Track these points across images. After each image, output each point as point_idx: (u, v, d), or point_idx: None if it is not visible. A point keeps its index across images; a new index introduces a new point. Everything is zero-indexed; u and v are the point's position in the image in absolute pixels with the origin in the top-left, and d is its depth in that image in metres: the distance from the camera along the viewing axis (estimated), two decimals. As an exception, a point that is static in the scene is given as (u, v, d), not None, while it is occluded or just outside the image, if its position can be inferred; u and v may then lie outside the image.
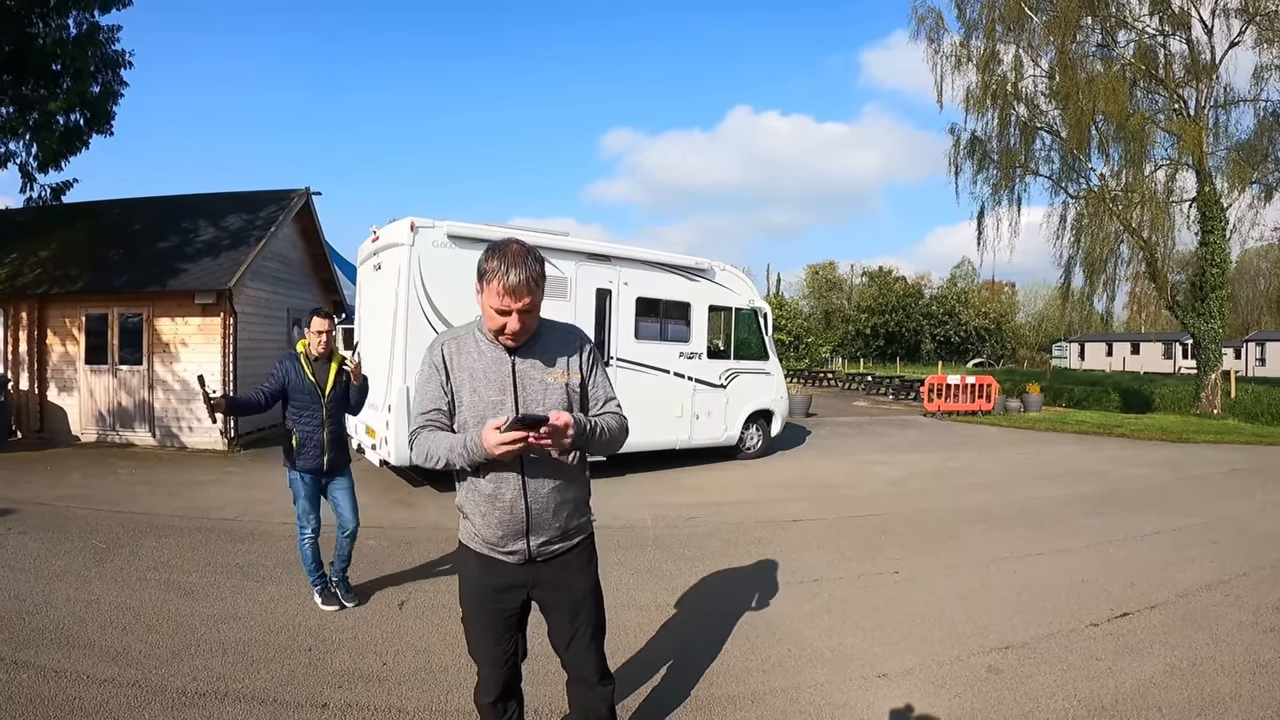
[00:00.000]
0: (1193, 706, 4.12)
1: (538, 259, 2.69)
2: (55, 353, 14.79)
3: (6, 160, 16.47)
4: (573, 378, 2.83)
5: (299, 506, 5.58)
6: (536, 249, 2.74)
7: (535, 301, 2.68)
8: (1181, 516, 9.02)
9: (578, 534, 2.98)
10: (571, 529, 2.93)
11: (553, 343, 2.84)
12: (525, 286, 2.62)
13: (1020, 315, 79.25)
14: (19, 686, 4.14)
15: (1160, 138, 22.57)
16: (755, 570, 6.76)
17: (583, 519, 3.01)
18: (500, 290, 2.61)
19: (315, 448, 5.49)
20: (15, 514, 8.20)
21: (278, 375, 5.50)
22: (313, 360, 5.55)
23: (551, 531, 2.85)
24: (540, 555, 2.87)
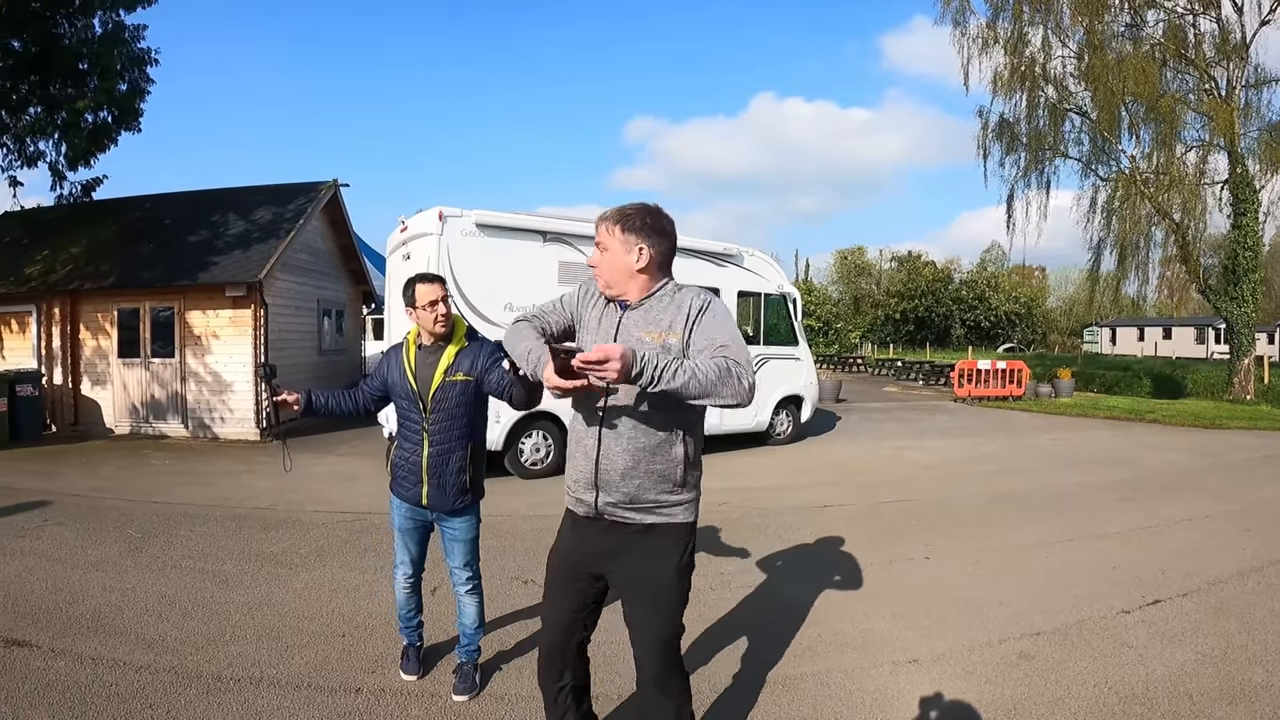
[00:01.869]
0: (1224, 695, 4.07)
1: (612, 216, 2.80)
2: (88, 347, 15.02)
3: (37, 159, 16.72)
4: (671, 338, 2.70)
5: (395, 538, 4.23)
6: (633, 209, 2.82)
7: (609, 252, 2.79)
8: (1214, 503, 8.93)
9: (655, 510, 2.79)
10: (646, 501, 2.77)
11: (664, 305, 2.78)
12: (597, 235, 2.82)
13: (1051, 300, 78.46)
14: (56, 674, 4.21)
15: (1191, 119, 22.25)
16: (785, 555, 6.76)
17: (666, 495, 2.78)
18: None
19: (410, 474, 3.96)
20: (52, 505, 8.34)
21: (379, 369, 4.14)
22: (420, 349, 3.99)
23: (619, 494, 2.77)
24: (608, 514, 2.82)
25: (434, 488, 3.90)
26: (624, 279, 2.78)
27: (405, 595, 4.23)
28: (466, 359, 3.90)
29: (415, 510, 4.02)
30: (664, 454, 2.76)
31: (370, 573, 6.04)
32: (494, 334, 9.40)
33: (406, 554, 4.14)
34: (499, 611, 5.26)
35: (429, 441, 3.88)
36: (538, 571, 6.09)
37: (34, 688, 4.03)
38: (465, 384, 3.88)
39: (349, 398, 4.14)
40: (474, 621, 4.14)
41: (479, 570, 4.18)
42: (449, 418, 3.88)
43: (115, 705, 3.86)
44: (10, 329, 15.49)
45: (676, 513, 2.82)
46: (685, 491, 2.83)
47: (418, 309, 3.87)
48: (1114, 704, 3.98)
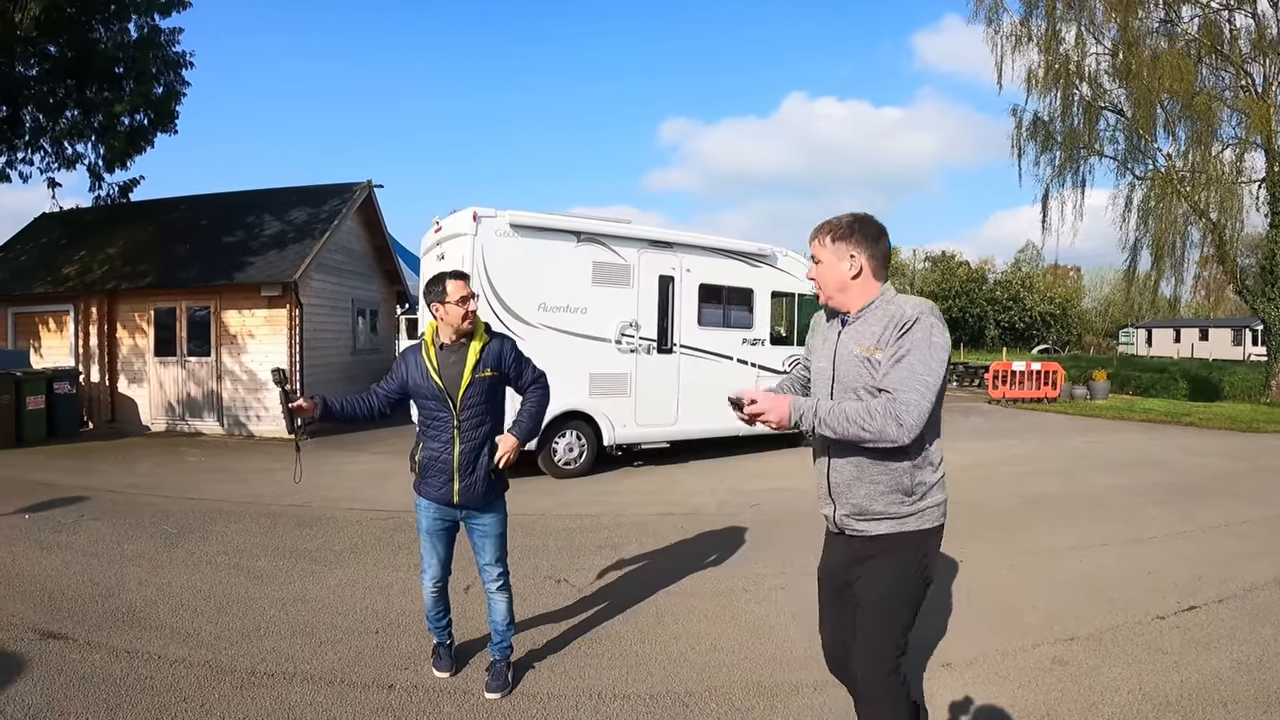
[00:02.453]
0: (1259, 703, 4.01)
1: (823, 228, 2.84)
2: (125, 346, 15.28)
3: (76, 161, 17.01)
4: (877, 354, 2.65)
5: (421, 542, 4.20)
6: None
7: (822, 264, 2.82)
8: (1251, 508, 8.78)
9: (883, 519, 2.73)
10: (874, 512, 2.73)
11: (876, 316, 2.72)
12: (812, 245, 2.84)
13: (1086, 300, 77.62)
14: (92, 666, 4.29)
15: (1226, 116, 21.90)
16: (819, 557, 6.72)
17: (895, 506, 2.71)
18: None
19: (441, 473, 3.94)
20: (88, 501, 8.48)
21: (397, 371, 4.09)
22: (440, 348, 3.96)
23: (848, 505, 2.79)
24: (845, 527, 2.84)
25: (465, 484, 3.92)
26: (840, 290, 2.79)
27: (433, 599, 4.22)
28: (492, 355, 3.95)
29: (444, 510, 4.02)
30: (888, 462, 2.69)
31: (403, 570, 6.08)
32: (529, 334, 9.58)
33: (435, 556, 4.13)
34: (531, 610, 5.28)
35: (460, 439, 3.89)
36: (570, 571, 6.16)
37: (70, 680, 4.10)
38: (493, 380, 3.96)
39: (364, 401, 4.09)
40: (505, 619, 4.14)
41: (508, 566, 4.20)
42: (478, 414, 3.93)
43: (150, 698, 3.92)
44: (48, 328, 15.77)
45: (908, 522, 2.72)
46: (915, 500, 2.72)
47: (447, 304, 3.85)
48: (1148, 711, 3.92)
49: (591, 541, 7.15)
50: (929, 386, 2.53)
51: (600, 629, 5.03)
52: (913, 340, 2.57)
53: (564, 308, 10.16)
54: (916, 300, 2.70)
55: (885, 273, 2.81)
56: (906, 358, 2.55)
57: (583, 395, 10.39)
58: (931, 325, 2.59)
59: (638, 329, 10.78)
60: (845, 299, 2.79)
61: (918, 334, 2.57)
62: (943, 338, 2.60)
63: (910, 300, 2.70)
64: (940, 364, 2.57)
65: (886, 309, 2.70)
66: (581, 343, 10.32)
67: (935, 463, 2.75)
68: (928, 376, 2.53)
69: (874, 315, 2.72)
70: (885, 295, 2.75)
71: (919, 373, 2.53)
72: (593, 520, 7.98)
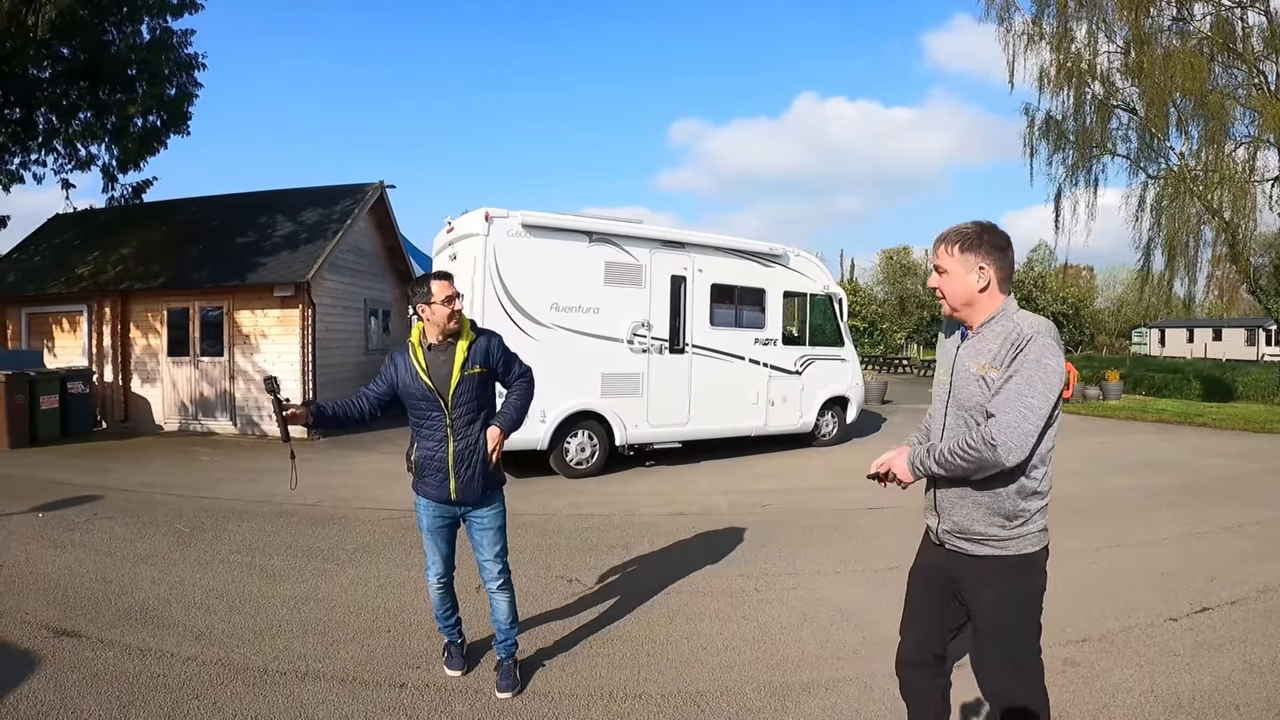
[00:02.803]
0: (1271, 706, 3.99)
1: (951, 237, 2.79)
2: (138, 346, 15.36)
3: (90, 163, 17.12)
4: (991, 373, 2.63)
5: (424, 540, 4.21)
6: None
7: (948, 274, 2.78)
8: (1264, 509, 8.73)
9: (985, 542, 2.73)
10: (976, 533, 2.74)
11: (994, 333, 2.70)
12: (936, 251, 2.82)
13: (1099, 300, 77.15)
14: (105, 664, 4.32)
15: (1239, 114, 21.76)
16: (830, 557, 6.74)
17: (996, 530, 2.70)
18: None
19: (437, 471, 3.96)
20: (102, 500, 8.54)
21: (386, 373, 4.07)
22: (428, 349, 3.97)
23: (950, 522, 2.81)
24: (945, 542, 2.87)
25: (462, 481, 3.94)
26: (966, 302, 2.76)
27: (440, 596, 4.23)
28: (479, 351, 3.96)
29: (443, 507, 4.04)
30: (991, 484, 2.69)
31: (415, 569, 6.08)
32: (541, 334, 9.58)
33: (437, 553, 4.15)
34: (543, 610, 5.31)
35: (454, 437, 3.93)
36: (581, 570, 6.17)
37: (83, 677, 4.14)
38: (482, 376, 3.98)
39: (354, 405, 4.08)
40: (508, 617, 4.15)
41: (508, 563, 4.20)
42: (470, 411, 3.95)
43: (162, 695, 3.95)
44: (62, 328, 15.87)
45: (1009, 545, 2.71)
46: (1016, 525, 2.70)
47: (433, 305, 3.85)
48: (1159, 713, 3.92)
49: (603, 541, 7.16)
50: (1032, 409, 2.51)
51: (612, 628, 5.04)
52: (1023, 361, 2.55)
53: (576, 308, 10.17)
54: (1034, 319, 2.66)
55: (1010, 285, 2.78)
56: (1014, 378, 2.55)
57: (595, 395, 10.40)
58: (1045, 346, 2.55)
59: (650, 329, 10.78)
60: (971, 312, 2.77)
61: (1030, 355, 2.55)
62: (1055, 360, 2.56)
63: (1028, 318, 2.66)
64: (1049, 387, 2.53)
65: (1005, 325, 2.68)
66: (594, 343, 10.33)
67: (1043, 491, 2.71)
68: (1032, 399, 2.51)
69: (993, 331, 2.70)
70: (1006, 310, 2.72)
71: (1024, 394, 2.52)
72: (604, 520, 7.99)
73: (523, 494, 9.20)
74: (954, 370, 2.80)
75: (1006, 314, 2.71)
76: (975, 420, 2.66)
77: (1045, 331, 2.59)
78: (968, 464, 2.58)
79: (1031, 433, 2.51)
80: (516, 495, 8.96)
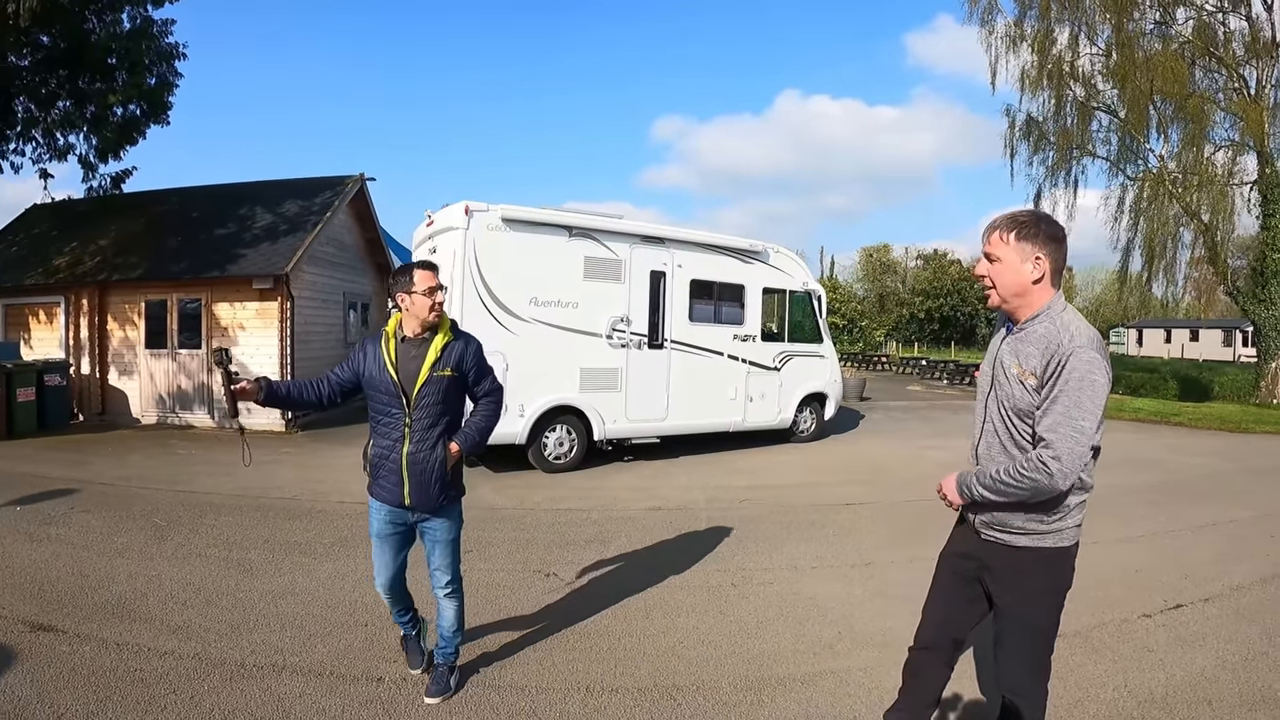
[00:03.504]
0: (1243, 702, 4.05)
1: (1005, 224, 2.74)
2: (116, 338, 15.22)
3: (67, 152, 16.98)
4: (1029, 379, 2.64)
5: (373, 546, 3.99)
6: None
7: (1001, 263, 2.73)
8: (1238, 508, 8.84)
9: (1020, 534, 2.75)
10: (1013, 526, 2.75)
11: (1037, 334, 2.67)
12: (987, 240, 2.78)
13: (1078, 300, 77.63)
14: (81, 658, 4.29)
15: (1220, 118, 21.98)
16: (807, 553, 6.76)
17: (1034, 524, 2.72)
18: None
19: (391, 472, 3.76)
20: (78, 493, 8.47)
21: (354, 360, 3.88)
22: (401, 340, 3.78)
23: (986, 513, 2.82)
24: (980, 530, 2.89)
25: (415, 486, 3.74)
26: (1019, 293, 2.72)
27: (390, 601, 4.07)
28: (454, 354, 3.77)
29: (395, 513, 3.83)
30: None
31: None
32: (520, 328, 9.57)
33: (384, 562, 3.93)
34: (520, 603, 5.32)
35: (410, 438, 3.72)
36: (558, 564, 6.18)
37: (59, 671, 4.11)
38: (452, 379, 3.76)
39: (312, 387, 3.88)
40: (453, 625, 4.04)
41: (459, 574, 4.05)
42: (432, 414, 3.73)
43: (139, 690, 3.93)
44: (38, 319, 15.71)
45: (1046, 539, 2.73)
46: (1055, 520, 2.71)
47: (414, 294, 3.66)
48: (1132, 707, 3.96)
49: (581, 536, 7.17)
50: (1084, 431, 2.51)
51: (589, 623, 5.04)
52: (1068, 378, 2.53)
53: (555, 302, 10.16)
54: (1080, 326, 2.62)
55: (1060, 280, 2.75)
56: (1061, 398, 2.54)
57: (573, 390, 10.40)
58: (1091, 362, 2.54)
59: (629, 324, 10.78)
60: (1021, 304, 2.73)
61: (1075, 372, 2.53)
62: (1103, 375, 2.56)
63: (1074, 324, 2.62)
64: (1096, 404, 2.53)
65: (1049, 327, 2.65)
66: (573, 337, 10.32)
67: (1086, 485, 2.72)
68: (1083, 421, 2.51)
69: (1036, 332, 2.68)
70: (1053, 308, 2.69)
71: (1074, 416, 2.52)
72: (582, 515, 8.00)
73: (500, 488, 9.20)
74: (995, 365, 2.80)
75: (1053, 313, 2.67)
76: (1013, 424, 2.68)
77: (1089, 344, 2.56)
78: (1023, 490, 2.58)
79: (1084, 455, 2.54)
80: (494, 489, 9.00)
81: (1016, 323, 2.76)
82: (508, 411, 9.64)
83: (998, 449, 2.78)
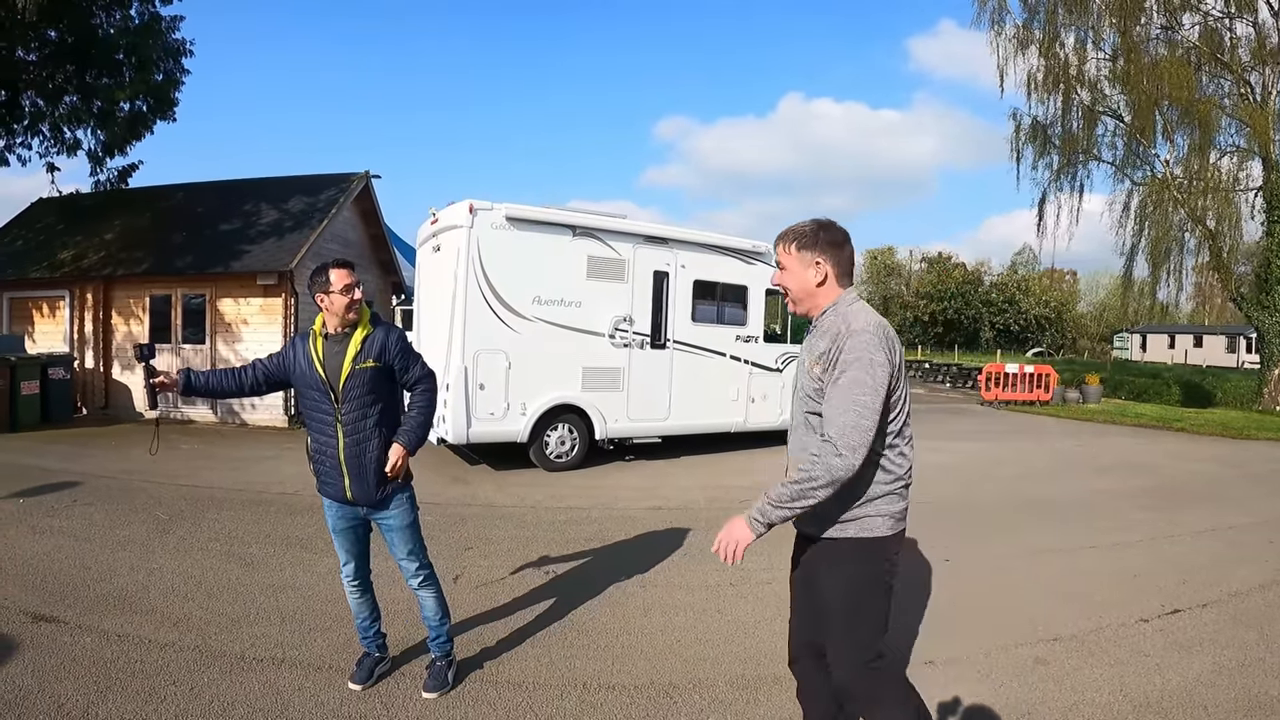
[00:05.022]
0: (1239, 707, 4.04)
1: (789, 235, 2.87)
2: (119, 332, 15.29)
3: (76, 147, 17.05)
4: (816, 368, 2.72)
5: (334, 541, 4.08)
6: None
7: (787, 271, 2.87)
8: (1238, 514, 8.82)
9: (826, 523, 2.76)
10: (823, 517, 2.74)
11: (821, 329, 2.80)
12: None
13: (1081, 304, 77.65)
14: (83, 649, 4.32)
15: (1225, 124, 21.96)
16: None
17: (832, 510, 2.71)
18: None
19: (331, 469, 3.81)
20: (81, 486, 8.51)
21: (284, 355, 3.89)
22: (326, 337, 3.78)
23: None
24: (799, 528, 3.01)
25: (355, 479, 3.76)
26: (806, 296, 2.86)
27: (356, 601, 4.07)
28: (374, 345, 3.75)
29: (344, 509, 3.88)
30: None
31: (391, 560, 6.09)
32: (523, 326, 9.59)
33: (347, 553, 4.00)
34: (520, 601, 5.35)
35: (344, 432, 3.73)
36: (558, 562, 6.21)
37: (60, 662, 4.14)
38: (375, 370, 3.75)
39: (231, 378, 3.90)
40: (436, 614, 4.04)
41: (427, 560, 4.07)
42: (361, 406, 3.73)
43: (140, 681, 3.95)
44: (42, 313, 15.77)
45: (849, 528, 2.74)
46: (858, 506, 2.72)
47: (331, 294, 3.66)
48: (1128, 712, 3.96)
49: (581, 534, 7.19)
50: (864, 406, 2.54)
51: (587, 620, 5.06)
52: (847, 357, 2.60)
53: (558, 301, 10.18)
54: (864, 316, 2.70)
55: (849, 279, 2.87)
56: (841, 378, 2.59)
57: (576, 388, 10.42)
58: (867, 343, 2.59)
59: (631, 324, 10.80)
60: (812, 304, 2.87)
61: (854, 351, 2.59)
62: (882, 354, 2.60)
63: (859, 315, 2.70)
64: (876, 381, 2.56)
65: (836, 317, 2.75)
66: (575, 336, 10.34)
67: (892, 471, 2.73)
68: (862, 396, 2.54)
69: (825, 323, 2.79)
70: (841, 303, 2.80)
71: (852, 392, 2.55)
72: (583, 513, 8.01)
73: (502, 485, 9.23)
74: (797, 364, 2.93)
75: (839, 307, 2.78)
76: (810, 416, 2.75)
77: (866, 328, 2.63)
78: (817, 478, 2.52)
79: (869, 429, 2.54)
80: (496, 486, 9.04)
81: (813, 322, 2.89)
82: (510, 410, 9.82)
83: (798, 446, 2.86)
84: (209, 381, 3.89)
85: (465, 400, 9.42)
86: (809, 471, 2.54)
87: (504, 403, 9.77)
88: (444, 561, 6.16)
